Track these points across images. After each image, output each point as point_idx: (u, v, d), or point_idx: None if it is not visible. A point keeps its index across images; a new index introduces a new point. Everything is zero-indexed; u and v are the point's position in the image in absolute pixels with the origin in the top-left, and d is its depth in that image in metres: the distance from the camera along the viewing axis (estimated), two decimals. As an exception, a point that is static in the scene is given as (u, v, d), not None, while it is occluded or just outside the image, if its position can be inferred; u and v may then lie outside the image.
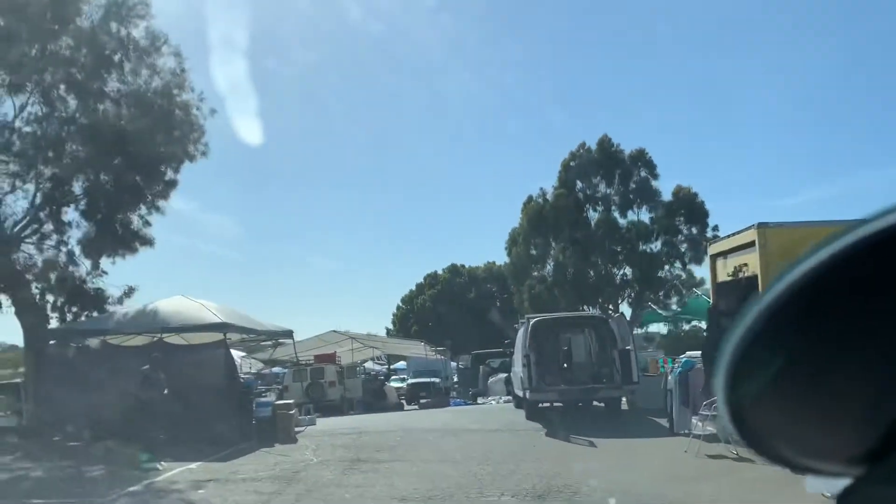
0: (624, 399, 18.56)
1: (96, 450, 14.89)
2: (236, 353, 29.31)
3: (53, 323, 18.42)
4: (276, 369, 38.64)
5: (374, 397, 30.92)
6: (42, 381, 16.92)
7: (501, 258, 70.99)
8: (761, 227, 12.21)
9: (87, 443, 15.68)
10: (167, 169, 18.94)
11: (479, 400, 30.10)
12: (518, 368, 19.47)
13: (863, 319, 0.69)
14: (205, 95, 18.64)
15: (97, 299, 18.50)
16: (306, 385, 28.86)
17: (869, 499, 0.77)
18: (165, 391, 15.20)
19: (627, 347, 17.29)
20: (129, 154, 17.73)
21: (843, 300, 0.69)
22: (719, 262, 14.53)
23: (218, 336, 16.61)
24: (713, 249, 15.11)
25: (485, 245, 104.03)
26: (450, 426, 17.80)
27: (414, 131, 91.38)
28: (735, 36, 69.85)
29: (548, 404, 18.69)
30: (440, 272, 72.23)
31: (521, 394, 19.69)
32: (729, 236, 14.24)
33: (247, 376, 36.05)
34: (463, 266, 72.68)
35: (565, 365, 19.98)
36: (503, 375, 29.80)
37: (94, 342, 17.27)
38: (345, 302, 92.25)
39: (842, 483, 0.77)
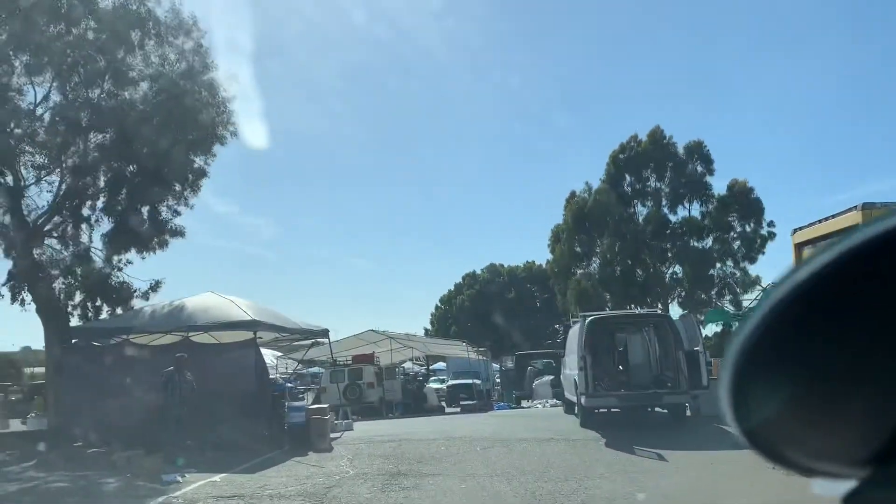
0: (686, 405, 16.75)
1: (116, 458, 13.63)
2: (271, 353, 28.11)
3: (76, 321, 17.30)
4: (314, 369, 37.43)
5: (413, 399, 29.47)
6: (63, 382, 15.78)
7: (541, 257, 69.34)
8: (867, 207, 10.38)
9: (109, 450, 14.46)
10: (195, 156, 17.66)
11: (524, 403, 28.44)
12: (571, 371, 17.77)
13: (865, 322, 0.68)
14: (230, 73, 17.39)
15: (122, 294, 17.30)
16: (344, 386, 27.50)
17: (874, 500, 0.76)
18: (192, 394, 13.89)
19: (696, 349, 15.45)
20: (154, 141, 16.49)
21: (846, 303, 0.69)
22: (806, 251, 12.67)
23: (248, 335, 15.26)
24: (799, 237, 13.21)
25: (524, 244, 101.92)
26: (498, 434, 16.17)
27: (453, 130, 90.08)
28: (788, 29, 67.02)
29: (604, 410, 16.96)
30: (479, 272, 70.68)
31: (573, 398, 17.99)
32: (820, 221, 12.37)
33: (283, 376, 34.99)
34: (502, 265, 71.03)
35: (620, 367, 18.27)
36: (549, 378, 28.10)
37: (117, 341, 16.05)
38: (383, 302, 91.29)
39: (848, 485, 0.76)
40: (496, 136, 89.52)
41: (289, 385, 39.14)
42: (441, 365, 45.28)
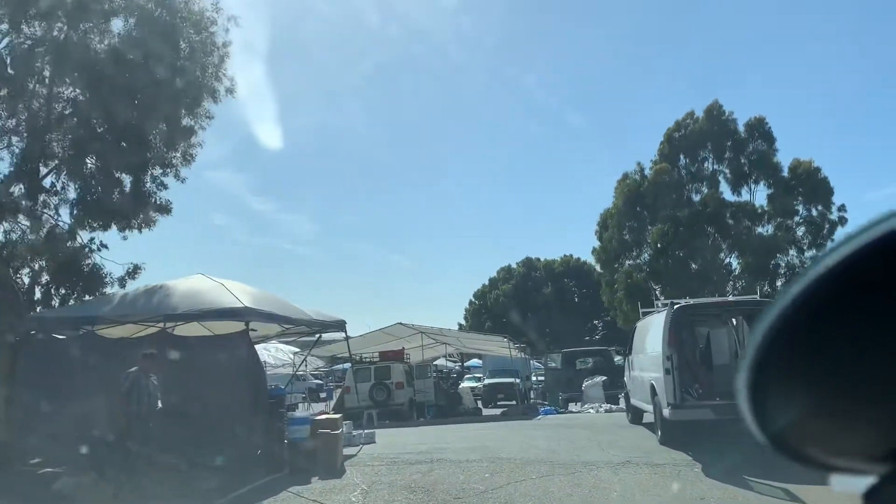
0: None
1: (62, 486, 10.24)
2: (289, 349, 24.72)
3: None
4: (344, 366, 34.00)
5: (447, 401, 25.83)
6: (17, 384, 12.45)
7: (578, 251, 65.34)
8: None
9: (64, 471, 11.10)
10: (182, 112, 14.22)
11: (572, 406, 24.59)
12: (644, 373, 13.96)
13: (886, 317, 0.66)
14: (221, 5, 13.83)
15: (91, 281, 13.91)
16: (370, 387, 23.98)
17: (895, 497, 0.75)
18: (159, 404, 10.41)
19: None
20: (129, 92, 13.10)
21: (866, 297, 0.67)
22: None
23: (240, 326, 11.75)
24: None
25: (561, 238, 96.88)
26: (556, 453, 12.39)
27: (491, 122, 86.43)
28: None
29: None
30: (514, 266, 66.85)
31: (645, 406, 14.18)
32: None
33: (312, 374, 31.52)
34: (538, 259, 67.08)
35: (704, 367, 14.38)
36: (600, 378, 24.23)
37: (84, 332, 12.66)
38: (415, 298, 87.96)
39: (867, 481, 0.75)
40: (533, 128, 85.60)
41: (317, 382, 35.72)
42: (475, 361, 41.73)
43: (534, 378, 33.48)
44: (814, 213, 33.24)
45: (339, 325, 14.84)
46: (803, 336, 0.69)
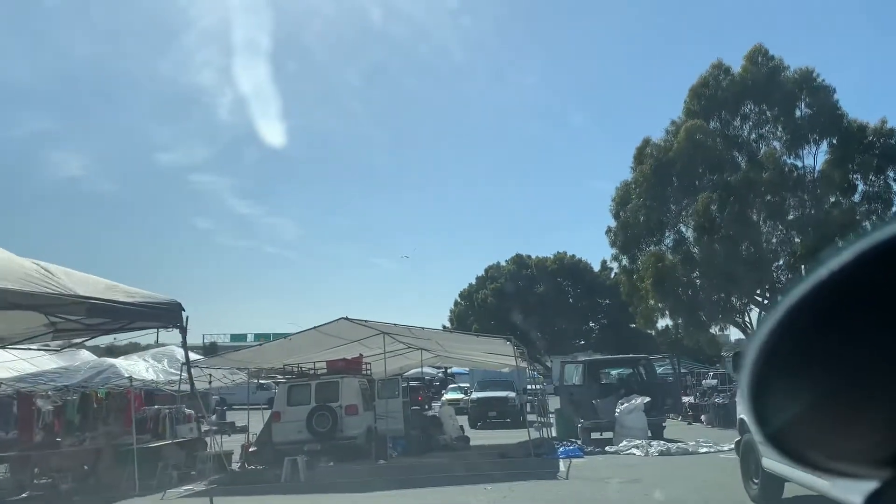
0: None
1: None
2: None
3: None
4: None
5: (422, 429, 17.85)
6: None
7: (572, 248, 57.72)
8: None
9: None
10: None
11: (596, 435, 16.73)
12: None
13: (888, 320, 0.64)
14: None
15: None
16: (308, 412, 15.92)
17: None
18: None
19: None
20: None
21: (868, 300, 0.64)
22: None
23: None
24: None
25: (553, 235, 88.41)
26: None
27: (482, 117, 79.26)
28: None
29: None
30: (504, 263, 59.14)
31: (810, 482, 6.31)
32: None
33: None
34: (529, 257, 59.30)
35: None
36: (641, 400, 16.25)
37: None
38: (400, 300, 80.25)
39: (869, 486, 0.72)
40: (527, 123, 78.34)
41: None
42: (461, 368, 34.07)
43: (528, 387, 25.73)
44: (881, 183, 25.59)
45: (170, 316, 6.73)
46: (808, 338, 0.65)
